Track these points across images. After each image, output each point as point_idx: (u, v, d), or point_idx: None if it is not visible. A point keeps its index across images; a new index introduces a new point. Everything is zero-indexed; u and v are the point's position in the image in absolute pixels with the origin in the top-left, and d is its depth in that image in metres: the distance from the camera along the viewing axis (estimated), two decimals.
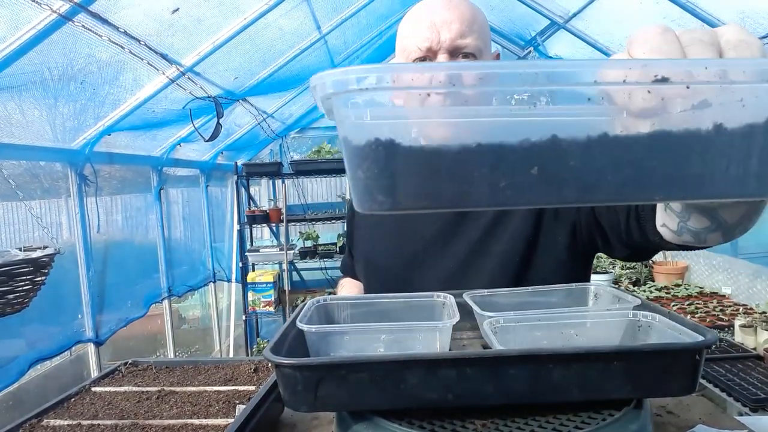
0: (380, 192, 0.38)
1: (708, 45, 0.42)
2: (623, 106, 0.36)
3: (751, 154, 0.37)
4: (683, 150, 0.37)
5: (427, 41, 0.98)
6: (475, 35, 0.99)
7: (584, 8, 3.42)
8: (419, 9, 1.03)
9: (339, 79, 0.35)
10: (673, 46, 0.41)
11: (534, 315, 0.77)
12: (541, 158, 0.37)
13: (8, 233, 2.58)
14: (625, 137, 0.37)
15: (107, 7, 1.96)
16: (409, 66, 0.35)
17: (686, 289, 3.82)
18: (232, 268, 5.01)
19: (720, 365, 2.52)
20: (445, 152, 0.37)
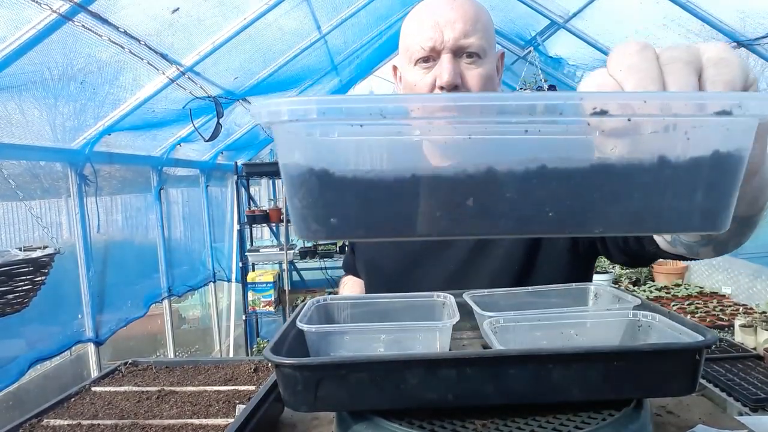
0: (315, 221, 0.38)
1: (687, 63, 0.40)
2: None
3: (696, 189, 0.36)
4: (625, 183, 0.36)
5: (431, 41, 0.97)
6: (479, 34, 0.98)
7: (584, 8, 3.42)
8: (423, 8, 1.02)
9: (273, 110, 0.35)
10: (650, 64, 0.40)
11: (534, 315, 0.77)
12: (477, 190, 0.36)
13: (8, 233, 2.58)
14: (564, 169, 0.36)
15: (107, 7, 1.96)
16: (344, 98, 0.35)
17: (686, 289, 3.82)
18: (232, 268, 5.01)
19: (720, 365, 2.52)
20: (378, 183, 0.36)
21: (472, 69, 0.98)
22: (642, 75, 0.40)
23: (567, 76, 4.75)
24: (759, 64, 2.99)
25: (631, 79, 0.40)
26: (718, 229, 0.37)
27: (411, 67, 1.02)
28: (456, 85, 0.97)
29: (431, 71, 0.99)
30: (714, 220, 0.37)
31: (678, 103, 0.34)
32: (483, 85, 1.00)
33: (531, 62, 4.34)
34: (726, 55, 0.41)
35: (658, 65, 0.40)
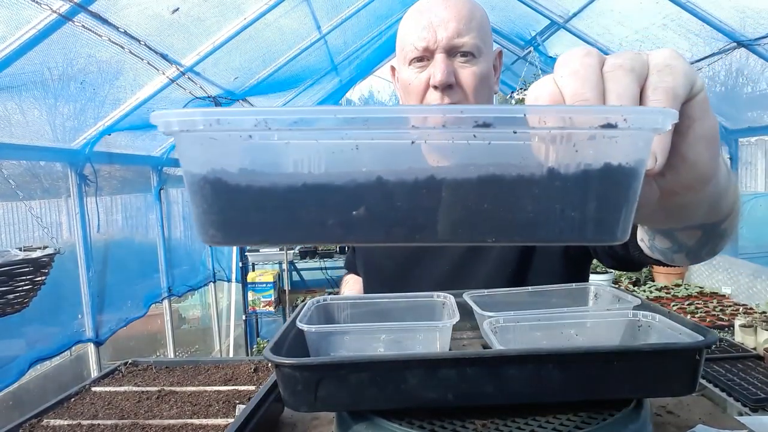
0: (211, 226, 0.38)
1: (630, 70, 0.39)
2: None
3: (587, 200, 0.36)
4: (515, 194, 0.36)
5: (424, 41, 0.97)
6: (473, 33, 0.98)
7: (584, 8, 3.42)
8: (418, 8, 1.02)
9: (167, 120, 0.36)
10: (591, 71, 0.40)
11: (534, 315, 0.77)
12: (368, 199, 0.37)
13: (8, 233, 2.58)
14: (452, 179, 0.37)
15: (107, 7, 1.96)
16: (231, 111, 0.36)
17: (686, 289, 3.82)
18: (232, 268, 5.02)
19: (720, 365, 2.52)
20: (271, 191, 0.37)
21: (466, 68, 0.98)
22: (581, 82, 0.39)
23: None
24: (759, 64, 2.99)
25: (571, 86, 0.39)
26: (616, 240, 0.37)
27: (406, 67, 1.02)
28: (450, 84, 0.97)
29: (425, 71, 0.99)
30: (610, 231, 0.37)
31: (563, 116, 0.34)
32: (478, 83, 0.99)
33: (531, 62, 4.34)
34: (671, 62, 0.40)
35: (599, 72, 0.40)
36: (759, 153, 4.27)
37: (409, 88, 1.02)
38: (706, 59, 3.13)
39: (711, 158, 0.43)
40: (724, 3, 2.68)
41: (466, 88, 0.98)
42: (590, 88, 0.39)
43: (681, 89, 0.39)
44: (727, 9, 2.73)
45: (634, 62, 0.40)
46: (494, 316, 0.76)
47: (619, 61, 0.40)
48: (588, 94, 0.38)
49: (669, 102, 0.39)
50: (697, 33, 3.01)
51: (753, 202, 4.05)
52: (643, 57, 0.41)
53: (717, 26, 2.83)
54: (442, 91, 0.97)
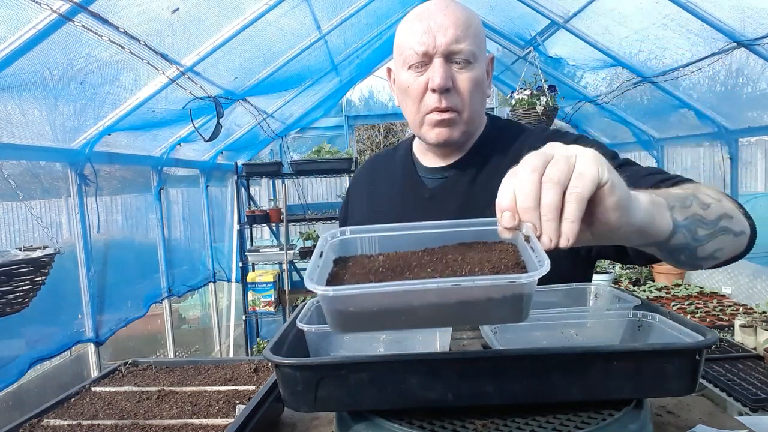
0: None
1: (557, 184, 0.56)
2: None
3: (496, 309, 0.56)
4: (457, 308, 0.56)
5: (423, 45, 1.01)
6: (470, 40, 1.02)
7: (584, 8, 3.41)
8: (416, 14, 1.06)
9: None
10: (531, 187, 0.56)
11: (534, 315, 0.77)
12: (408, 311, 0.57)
13: (8, 233, 2.58)
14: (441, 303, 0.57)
15: (107, 7, 1.96)
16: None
17: (686, 289, 3.82)
18: (232, 268, 5.01)
19: (720, 365, 2.52)
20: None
21: (463, 73, 1.03)
22: (524, 196, 0.56)
23: (567, 76, 4.75)
24: (759, 64, 2.99)
25: (519, 198, 0.57)
26: (518, 321, 0.57)
27: (404, 71, 1.06)
28: (447, 88, 1.02)
29: (424, 74, 1.04)
30: (515, 318, 0.57)
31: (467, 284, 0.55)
32: (473, 88, 1.04)
33: (531, 62, 4.34)
34: (584, 169, 0.57)
35: (539, 184, 0.56)
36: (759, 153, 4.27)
37: (408, 91, 1.06)
38: (706, 59, 3.13)
39: (618, 218, 0.60)
40: (724, 3, 2.68)
41: (462, 92, 1.04)
42: (531, 200, 0.56)
43: (587, 192, 0.56)
44: (727, 9, 2.72)
45: (561, 174, 0.56)
46: None
47: (552, 174, 0.56)
48: (530, 205, 0.56)
49: (578, 203, 0.56)
50: (697, 33, 3.01)
51: (753, 202, 4.05)
52: (571, 163, 0.57)
53: (717, 26, 2.83)
54: (440, 94, 1.03)
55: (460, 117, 1.06)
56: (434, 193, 1.15)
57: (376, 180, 1.29)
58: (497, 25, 4.59)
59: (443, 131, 1.07)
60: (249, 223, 4.89)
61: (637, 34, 3.44)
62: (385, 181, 1.26)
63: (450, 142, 1.08)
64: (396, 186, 1.22)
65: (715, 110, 3.68)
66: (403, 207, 1.18)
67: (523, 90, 4.20)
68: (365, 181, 1.32)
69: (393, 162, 1.28)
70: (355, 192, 1.34)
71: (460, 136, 1.08)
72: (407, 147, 1.26)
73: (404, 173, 1.21)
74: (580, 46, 3.88)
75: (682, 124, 4.14)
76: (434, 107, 1.04)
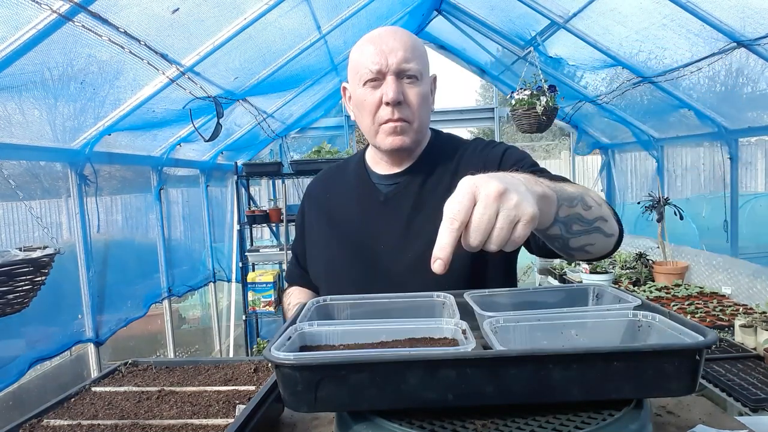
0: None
1: (484, 232, 0.69)
2: None
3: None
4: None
5: (377, 64, 1.16)
6: (417, 60, 1.18)
7: (584, 8, 3.41)
8: (369, 39, 1.20)
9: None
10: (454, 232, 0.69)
11: (534, 315, 0.77)
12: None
13: (8, 233, 2.57)
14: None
15: (107, 7, 1.96)
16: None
17: (686, 289, 3.82)
18: (232, 268, 5.01)
19: (720, 365, 2.52)
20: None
21: (412, 88, 1.18)
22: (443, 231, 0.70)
23: (567, 76, 4.75)
24: (759, 64, 2.99)
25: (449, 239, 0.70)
26: None
27: (360, 87, 1.20)
28: (399, 101, 1.16)
29: (378, 90, 1.17)
30: None
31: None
32: (421, 101, 1.19)
33: (531, 62, 4.34)
34: (483, 212, 0.69)
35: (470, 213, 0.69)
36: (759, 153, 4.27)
37: (364, 104, 1.20)
38: (706, 59, 3.13)
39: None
40: (724, 3, 2.68)
41: (412, 104, 1.19)
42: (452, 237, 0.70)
43: (521, 240, 0.72)
44: (727, 9, 2.72)
45: (491, 224, 0.69)
46: (494, 316, 0.76)
47: (479, 217, 0.69)
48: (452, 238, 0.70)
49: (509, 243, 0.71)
50: (697, 33, 3.01)
51: (753, 202, 4.05)
52: (495, 209, 0.69)
53: (717, 26, 2.83)
54: (393, 107, 1.17)
55: (410, 126, 1.20)
56: (388, 197, 1.27)
57: (330, 190, 1.39)
58: (497, 25, 4.59)
59: (397, 139, 1.20)
60: (249, 223, 4.89)
61: (637, 34, 3.44)
62: (340, 190, 1.37)
63: (403, 147, 1.21)
64: (351, 193, 1.33)
65: (715, 110, 3.68)
66: (359, 211, 1.30)
67: (523, 90, 4.20)
68: (320, 191, 1.42)
69: (345, 173, 1.40)
70: (310, 201, 1.43)
71: (411, 143, 1.22)
72: (359, 159, 1.39)
73: (358, 181, 1.33)
74: (580, 46, 3.88)
75: (682, 124, 4.14)
76: (388, 118, 1.18)
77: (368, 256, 1.24)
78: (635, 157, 5.40)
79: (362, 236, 1.26)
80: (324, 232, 1.34)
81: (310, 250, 1.38)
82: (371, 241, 1.24)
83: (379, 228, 1.25)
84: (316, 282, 1.39)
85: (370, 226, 1.26)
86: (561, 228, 0.90)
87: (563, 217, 0.89)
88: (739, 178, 3.78)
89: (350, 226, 1.29)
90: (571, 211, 0.90)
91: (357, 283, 1.23)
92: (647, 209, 4.38)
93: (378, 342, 0.80)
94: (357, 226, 1.28)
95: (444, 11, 4.99)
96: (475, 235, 0.69)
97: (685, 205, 4.18)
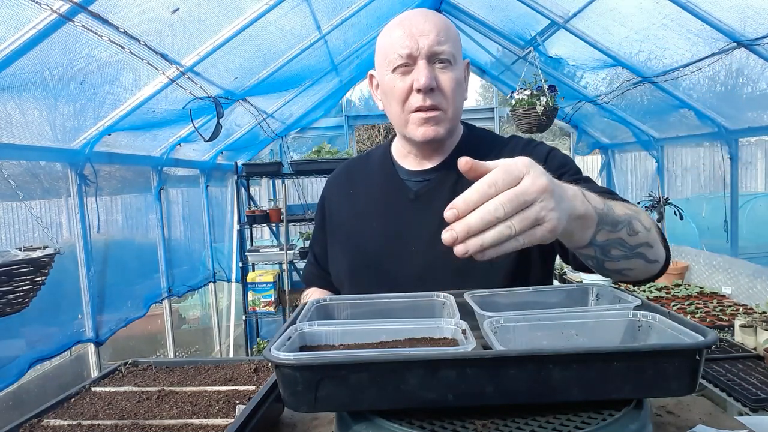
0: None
1: (493, 213, 0.62)
2: None
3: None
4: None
5: (407, 48, 1.07)
6: (450, 43, 1.09)
7: (584, 8, 3.41)
8: (399, 21, 1.12)
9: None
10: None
11: (534, 315, 0.77)
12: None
13: (8, 233, 2.57)
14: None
15: (107, 7, 1.96)
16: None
17: (686, 289, 3.82)
18: (232, 268, 5.01)
19: (720, 365, 2.52)
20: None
21: (445, 73, 1.09)
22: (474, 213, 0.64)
23: (567, 76, 4.75)
24: (759, 64, 2.99)
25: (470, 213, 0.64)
26: None
27: (389, 74, 1.11)
28: (432, 88, 1.08)
29: (409, 76, 1.09)
30: None
31: None
32: (455, 87, 1.10)
33: (531, 62, 4.34)
34: (549, 227, 0.65)
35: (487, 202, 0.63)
36: (759, 153, 4.27)
37: (393, 91, 1.11)
38: (706, 59, 3.13)
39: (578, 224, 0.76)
40: (724, 3, 2.68)
41: (445, 92, 1.09)
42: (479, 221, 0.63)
43: (537, 241, 0.66)
44: (727, 9, 2.72)
45: (515, 212, 0.63)
46: (494, 316, 0.76)
47: (506, 208, 0.63)
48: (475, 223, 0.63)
49: (517, 244, 0.65)
50: (697, 33, 3.01)
51: (753, 202, 4.05)
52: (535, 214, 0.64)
53: (717, 26, 2.83)
54: (425, 94, 1.08)
55: (444, 114, 1.11)
56: (418, 195, 1.18)
57: (354, 184, 1.30)
58: (497, 25, 4.59)
59: (429, 129, 1.11)
60: (249, 223, 4.89)
61: (637, 34, 3.44)
62: (364, 185, 1.28)
63: (436, 138, 1.12)
64: (377, 189, 1.24)
65: (715, 110, 3.68)
66: (386, 208, 1.20)
67: (523, 90, 4.20)
68: (343, 186, 1.33)
69: (369, 167, 1.31)
70: (331, 197, 1.34)
71: (445, 133, 1.13)
72: (384, 152, 1.29)
73: (385, 176, 1.24)
74: (580, 46, 3.88)
75: (682, 124, 4.14)
76: (419, 106, 1.09)
77: (397, 258, 1.16)
78: (635, 157, 5.40)
79: (390, 236, 1.18)
80: (348, 231, 1.25)
81: (332, 249, 1.29)
82: (400, 241, 1.16)
83: (410, 228, 1.16)
84: (337, 283, 1.29)
85: (399, 225, 1.17)
86: (597, 251, 0.84)
87: (602, 241, 0.82)
88: (739, 178, 3.78)
89: (377, 225, 1.20)
90: (613, 236, 0.83)
91: (384, 285, 1.11)
92: (647, 209, 4.38)
93: (378, 342, 0.79)
94: (384, 226, 1.19)
95: (444, 11, 4.99)
96: (486, 210, 0.62)
97: (685, 205, 4.18)
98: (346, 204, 1.29)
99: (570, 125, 5.92)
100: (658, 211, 4.26)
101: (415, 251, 1.14)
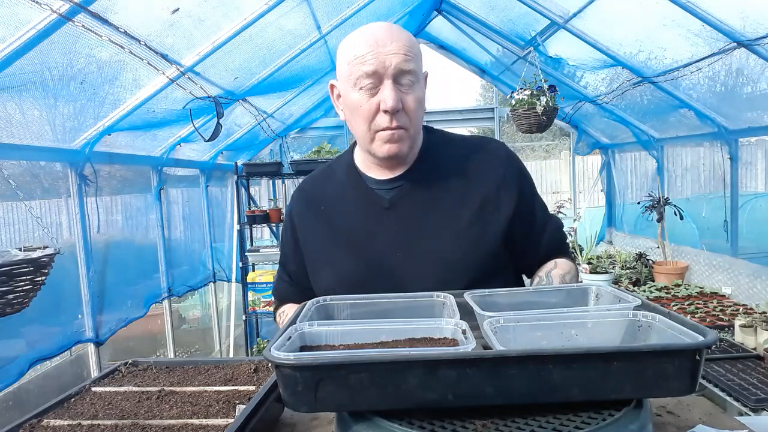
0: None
1: None
2: None
3: None
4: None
5: (373, 66, 1.08)
6: (415, 62, 1.12)
7: (584, 8, 3.41)
8: (362, 36, 1.12)
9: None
10: None
11: (534, 315, 0.77)
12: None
13: (8, 233, 2.57)
14: None
15: (107, 7, 1.96)
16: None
17: (686, 289, 3.82)
18: (232, 268, 5.01)
19: (720, 365, 2.52)
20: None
21: (409, 94, 1.12)
22: None
23: (567, 76, 4.75)
24: (759, 64, 2.99)
25: None
26: None
27: (355, 91, 1.12)
28: (398, 110, 1.10)
29: (375, 97, 1.11)
30: None
31: None
32: (418, 107, 1.14)
33: (531, 62, 4.34)
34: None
35: None
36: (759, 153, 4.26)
37: (359, 110, 1.13)
38: (706, 59, 3.12)
39: None
40: (724, 3, 2.68)
41: (409, 112, 1.13)
42: None
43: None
44: (727, 9, 2.72)
45: None
46: (494, 316, 0.76)
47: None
48: None
49: None
50: (697, 33, 3.00)
51: (753, 202, 4.04)
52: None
53: (717, 26, 2.83)
54: (391, 115, 1.11)
55: (407, 133, 1.15)
56: (392, 203, 1.20)
57: (323, 199, 1.29)
58: (497, 25, 4.59)
59: (393, 146, 1.14)
60: (249, 223, 4.88)
61: (637, 34, 3.44)
62: (333, 199, 1.28)
63: (399, 155, 1.17)
64: (349, 201, 1.25)
65: (715, 110, 3.68)
66: (365, 218, 1.22)
67: (523, 90, 4.20)
68: (310, 204, 1.30)
69: (334, 180, 1.31)
70: (301, 214, 1.31)
71: (407, 150, 1.17)
72: (347, 164, 1.30)
73: (354, 188, 1.25)
74: (580, 46, 3.88)
75: (682, 124, 4.14)
76: (386, 126, 1.12)
77: (386, 267, 1.17)
78: (635, 157, 5.40)
79: (375, 246, 1.19)
80: (329, 247, 1.24)
81: (313, 266, 1.27)
82: (386, 250, 1.18)
83: (390, 236, 1.18)
84: (318, 290, 1.26)
85: (381, 235, 1.19)
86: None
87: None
88: (739, 178, 3.78)
89: (358, 237, 1.21)
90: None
91: (360, 289, 1.10)
92: (647, 209, 4.38)
93: (378, 342, 0.79)
94: (366, 237, 1.20)
95: (444, 11, 4.99)
96: None
97: (685, 205, 4.18)
98: (320, 220, 1.27)
99: (570, 125, 5.92)
100: (658, 211, 4.26)
101: (400, 258, 1.17)
